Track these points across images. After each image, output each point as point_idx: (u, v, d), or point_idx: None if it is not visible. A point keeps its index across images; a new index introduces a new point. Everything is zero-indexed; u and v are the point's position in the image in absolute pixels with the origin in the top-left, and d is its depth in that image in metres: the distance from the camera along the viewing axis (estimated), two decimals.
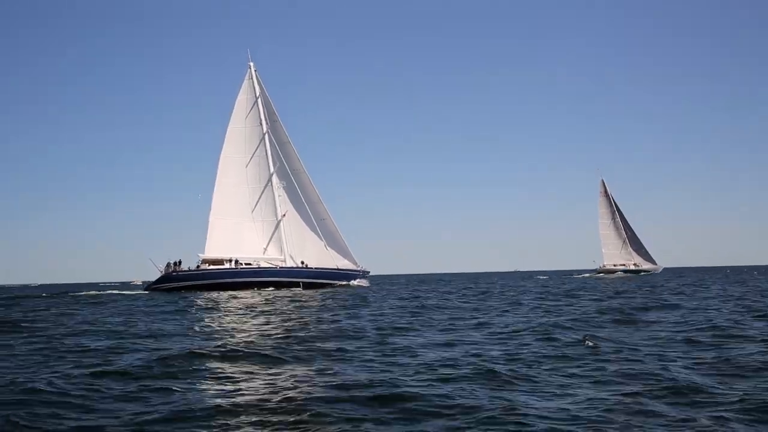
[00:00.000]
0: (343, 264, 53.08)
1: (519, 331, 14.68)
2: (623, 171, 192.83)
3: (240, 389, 8.45)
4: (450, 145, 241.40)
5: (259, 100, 53.91)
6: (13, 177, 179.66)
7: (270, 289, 47.74)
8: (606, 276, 70.05)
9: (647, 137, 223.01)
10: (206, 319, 20.07)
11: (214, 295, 39.73)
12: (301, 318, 19.74)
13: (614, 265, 74.98)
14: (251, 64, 54.64)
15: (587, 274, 78.14)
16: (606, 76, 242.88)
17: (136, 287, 67.74)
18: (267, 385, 8.62)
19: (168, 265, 50.65)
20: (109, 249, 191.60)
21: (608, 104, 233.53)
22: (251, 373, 9.69)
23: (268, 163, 53.17)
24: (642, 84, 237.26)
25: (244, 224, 52.20)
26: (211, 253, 50.83)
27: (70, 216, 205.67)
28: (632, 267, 74.54)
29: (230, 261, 50.54)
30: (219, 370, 9.84)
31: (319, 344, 12.72)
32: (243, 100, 53.88)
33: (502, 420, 6.65)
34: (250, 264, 51.18)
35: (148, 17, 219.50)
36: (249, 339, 13.91)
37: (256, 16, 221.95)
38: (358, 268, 53.93)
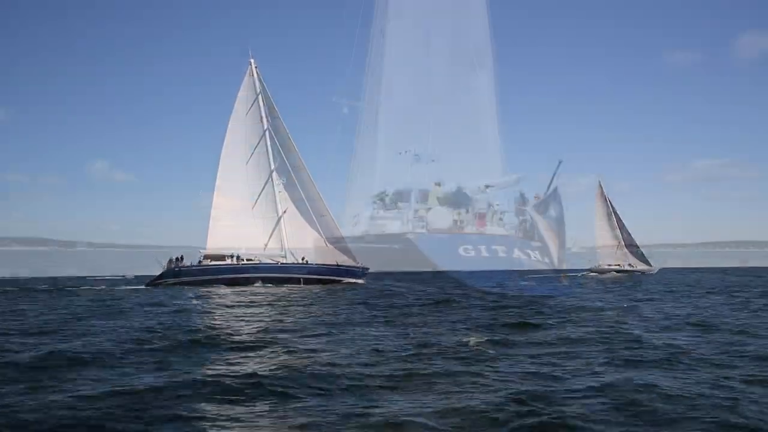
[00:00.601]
0: (343, 260, 53.37)
1: (422, 335, 14.47)
2: (622, 172, 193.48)
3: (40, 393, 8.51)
4: None
5: (260, 97, 54.02)
6: (13, 176, 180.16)
7: (257, 284, 47.90)
8: (598, 275, 70.49)
9: (647, 137, 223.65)
10: (139, 319, 19.78)
11: (195, 291, 40.18)
12: (222, 317, 19.59)
13: (608, 265, 75.18)
14: (252, 60, 54.78)
15: (571, 275, 78.44)
16: (606, 75, 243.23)
17: (129, 282, 67.91)
18: (80, 396, 8.67)
19: (170, 260, 51.06)
20: (108, 246, 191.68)
21: (608, 104, 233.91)
22: (94, 379, 9.73)
23: (269, 160, 53.38)
24: (642, 84, 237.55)
25: (244, 220, 52.46)
26: (212, 249, 51.21)
27: (70, 215, 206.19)
28: (627, 267, 74.84)
29: (232, 257, 50.99)
30: (61, 375, 9.96)
31: (199, 348, 12.57)
32: (243, 96, 53.99)
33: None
34: (251, 260, 51.55)
35: (148, 16, 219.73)
36: (142, 338, 13.97)
37: (257, 14, 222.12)
38: (358, 265, 54.26)
